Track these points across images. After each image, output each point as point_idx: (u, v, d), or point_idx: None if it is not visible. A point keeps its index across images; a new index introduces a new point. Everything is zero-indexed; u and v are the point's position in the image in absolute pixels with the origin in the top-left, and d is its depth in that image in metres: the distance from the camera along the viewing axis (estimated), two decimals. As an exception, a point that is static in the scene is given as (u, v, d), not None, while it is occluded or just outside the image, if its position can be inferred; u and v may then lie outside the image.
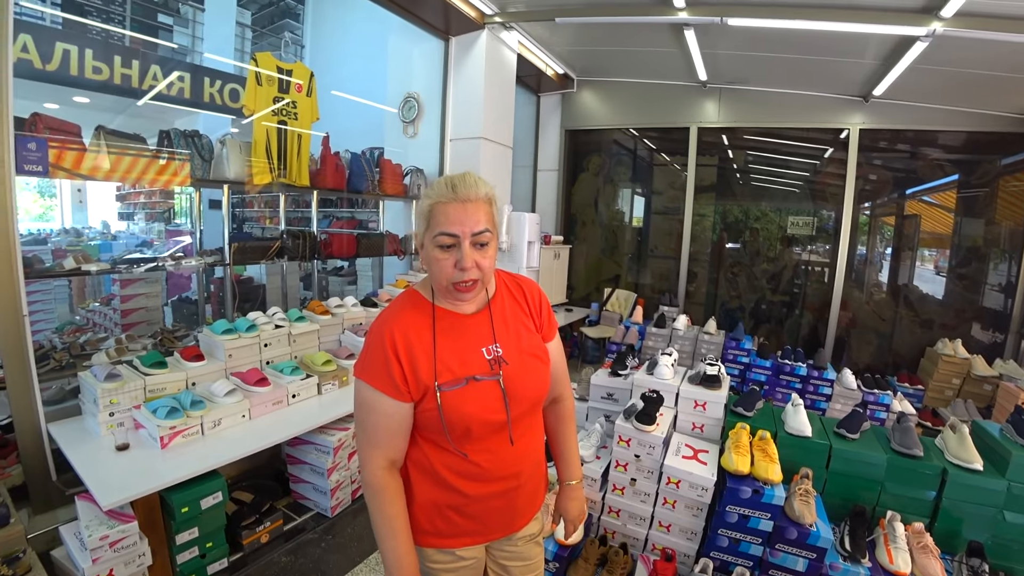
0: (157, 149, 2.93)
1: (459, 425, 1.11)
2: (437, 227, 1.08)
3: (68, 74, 3.79)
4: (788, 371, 3.55)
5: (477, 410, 1.12)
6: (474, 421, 1.12)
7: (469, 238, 1.07)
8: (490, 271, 1.13)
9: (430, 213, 1.10)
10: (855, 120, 4.68)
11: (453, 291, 1.12)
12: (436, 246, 1.09)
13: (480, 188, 1.10)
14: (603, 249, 6.16)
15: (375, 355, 1.12)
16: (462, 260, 1.07)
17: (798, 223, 5.36)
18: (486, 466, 1.17)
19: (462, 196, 1.07)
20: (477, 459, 1.15)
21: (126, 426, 2.31)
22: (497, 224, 1.14)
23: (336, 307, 3.25)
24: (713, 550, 2.06)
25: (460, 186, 1.08)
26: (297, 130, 3.34)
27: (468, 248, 1.07)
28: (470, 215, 1.06)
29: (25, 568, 1.76)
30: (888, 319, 5.19)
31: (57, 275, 2.72)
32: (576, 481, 1.44)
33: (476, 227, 1.07)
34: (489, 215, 1.10)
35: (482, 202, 1.09)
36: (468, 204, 1.07)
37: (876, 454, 2.12)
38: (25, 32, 3.23)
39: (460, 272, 1.08)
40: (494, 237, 1.12)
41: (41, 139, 2.41)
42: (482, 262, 1.09)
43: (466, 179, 1.10)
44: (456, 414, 1.10)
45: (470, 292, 1.12)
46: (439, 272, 1.10)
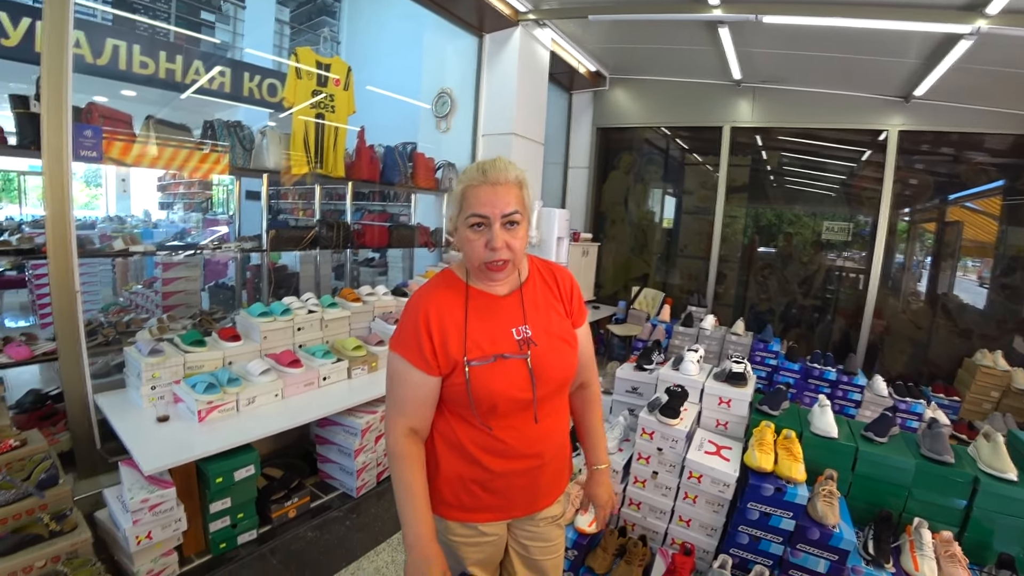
0: (201, 140, 3.06)
1: (486, 400, 1.16)
2: (469, 209, 1.13)
3: (117, 68, 3.97)
4: (817, 375, 3.49)
5: (504, 387, 1.16)
6: (500, 397, 1.16)
7: (499, 219, 1.11)
8: (521, 252, 1.17)
9: (462, 196, 1.15)
10: (895, 121, 4.56)
11: (485, 271, 1.16)
12: (468, 227, 1.14)
13: (510, 171, 1.14)
14: (632, 248, 6.13)
15: (408, 329, 1.18)
16: (492, 240, 1.11)
17: (833, 228, 5.25)
18: (511, 442, 1.21)
19: (492, 179, 1.12)
20: (502, 435, 1.20)
21: (166, 399, 2.43)
22: (528, 207, 1.18)
23: (367, 295, 3.34)
24: (733, 547, 2.05)
25: (491, 170, 1.13)
26: (334, 123, 3.43)
27: (498, 229, 1.11)
28: (500, 197, 1.11)
29: (71, 525, 1.87)
30: (924, 327, 5.04)
31: (107, 255, 2.86)
32: (604, 466, 1.47)
33: (506, 208, 1.11)
34: (519, 198, 1.14)
35: (512, 185, 1.13)
36: (498, 187, 1.12)
37: (904, 459, 2.08)
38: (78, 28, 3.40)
39: (491, 252, 1.12)
40: (524, 219, 1.16)
41: (96, 127, 2.55)
42: (512, 243, 1.13)
43: (496, 163, 1.14)
44: (483, 390, 1.15)
45: (501, 272, 1.16)
46: (471, 253, 1.15)
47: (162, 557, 2.07)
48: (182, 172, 2.90)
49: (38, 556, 1.73)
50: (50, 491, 1.92)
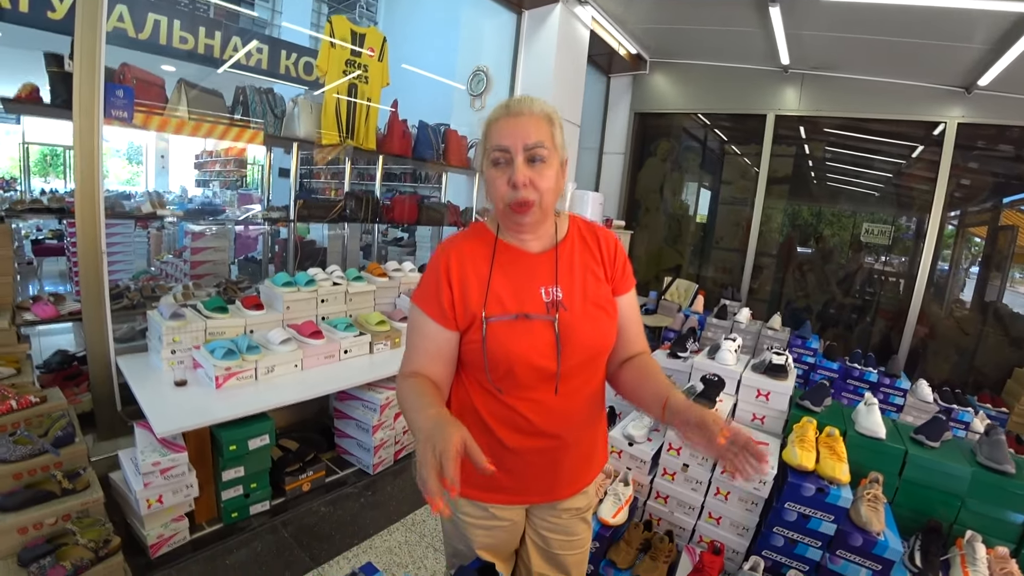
0: (232, 111, 3.02)
1: (502, 363, 1.04)
2: (490, 144, 1.03)
3: (158, 43, 3.99)
4: (857, 376, 3.29)
5: (524, 349, 1.04)
6: (518, 361, 1.04)
7: (522, 152, 1.00)
8: (549, 194, 1.04)
9: (486, 134, 1.05)
10: (954, 113, 4.27)
11: (511, 215, 1.05)
12: (490, 164, 1.04)
13: (536, 104, 1.04)
14: (666, 237, 5.95)
15: (430, 279, 1.10)
16: (514, 175, 1.00)
17: (873, 231, 5.00)
18: (529, 416, 1.09)
19: (515, 111, 1.02)
20: (519, 407, 1.08)
21: (185, 364, 2.40)
22: (559, 147, 1.06)
23: (394, 271, 3.28)
24: (766, 548, 1.93)
25: (514, 104, 1.04)
26: (367, 94, 3.37)
27: (521, 163, 1.00)
28: (521, 128, 1.00)
29: (84, 484, 1.84)
30: (972, 334, 4.76)
31: (134, 216, 2.86)
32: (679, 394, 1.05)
33: (528, 140, 1.00)
34: (546, 132, 1.02)
35: (537, 117, 1.02)
36: (521, 117, 1.01)
37: (959, 466, 1.92)
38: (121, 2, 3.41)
39: (513, 191, 1.01)
40: (554, 157, 1.04)
41: (128, 87, 2.53)
42: (538, 181, 1.01)
43: (522, 98, 1.05)
44: (500, 350, 1.04)
45: (527, 213, 1.03)
46: (495, 193, 1.05)
47: (173, 522, 2.04)
48: (214, 134, 2.86)
49: (49, 513, 1.71)
50: (65, 449, 1.90)
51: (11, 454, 1.79)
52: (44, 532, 1.70)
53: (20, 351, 2.30)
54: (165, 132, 2.78)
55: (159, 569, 1.97)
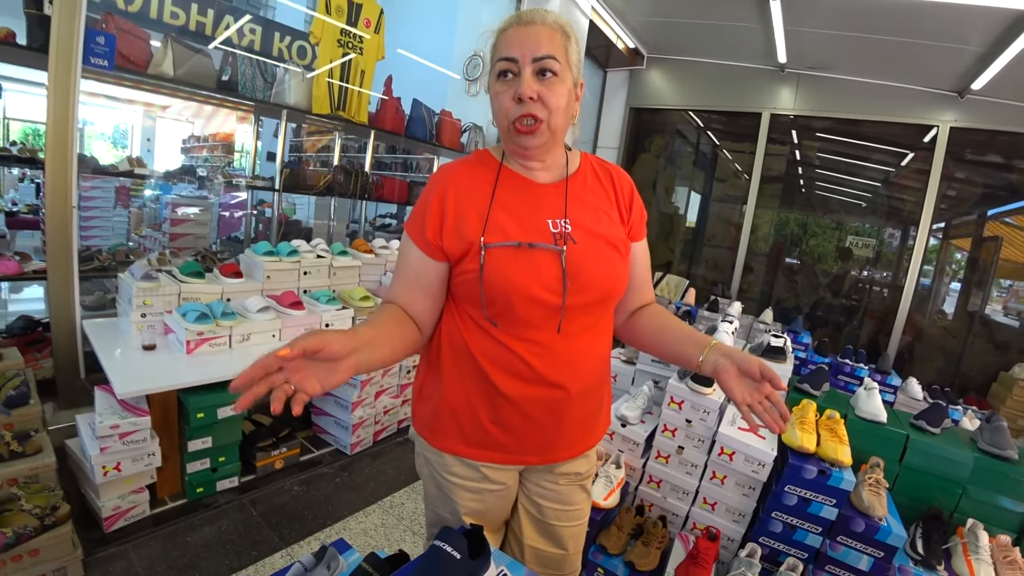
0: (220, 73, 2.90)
1: (500, 294, 0.94)
2: (496, 55, 0.94)
3: (148, 16, 3.89)
4: (848, 371, 3.27)
5: (525, 280, 0.93)
6: (518, 293, 0.93)
7: (530, 64, 0.91)
8: (560, 113, 0.94)
9: (494, 44, 0.96)
10: (946, 117, 4.29)
11: (515, 136, 0.95)
12: (496, 77, 0.94)
13: (550, 15, 0.94)
14: (657, 234, 5.91)
15: (421, 202, 1.01)
16: (521, 87, 0.90)
17: (857, 244, 5.02)
18: (530, 360, 0.97)
19: (526, 19, 0.93)
20: (519, 349, 0.97)
21: (156, 329, 2.26)
22: (573, 64, 0.97)
23: (380, 248, 3.16)
24: (763, 535, 1.84)
25: (526, 12, 0.94)
26: (360, 69, 3.26)
27: (528, 75, 0.91)
28: (532, 37, 0.91)
29: (35, 448, 1.71)
30: (959, 337, 4.79)
31: (110, 173, 2.72)
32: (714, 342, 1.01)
33: (538, 50, 0.90)
34: (560, 45, 0.93)
35: (551, 28, 0.93)
36: (532, 26, 0.92)
37: (961, 451, 1.86)
38: None
39: (519, 105, 0.91)
40: (567, 73, 0.94)
41: (110, 35, 2.40)
42: (548, 96, 0.91)
43: (535, 9, 0.96)
44: (499, 279, 0.93)
45: (534, 135, 0.94)
46: (499, 109, 0.95)
47: (132, 494, 1.90)
48: (194, 97, 2.74)
49: (-7, 475, 1.57)
50: (17, 410, 1.77)
51: (-45, 410, 1.65)
52: (-13, 495, 1.56)
53: (-25, 309, 2.16)
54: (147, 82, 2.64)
55: (113, 544, 1.82)
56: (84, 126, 7.81)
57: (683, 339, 1.05)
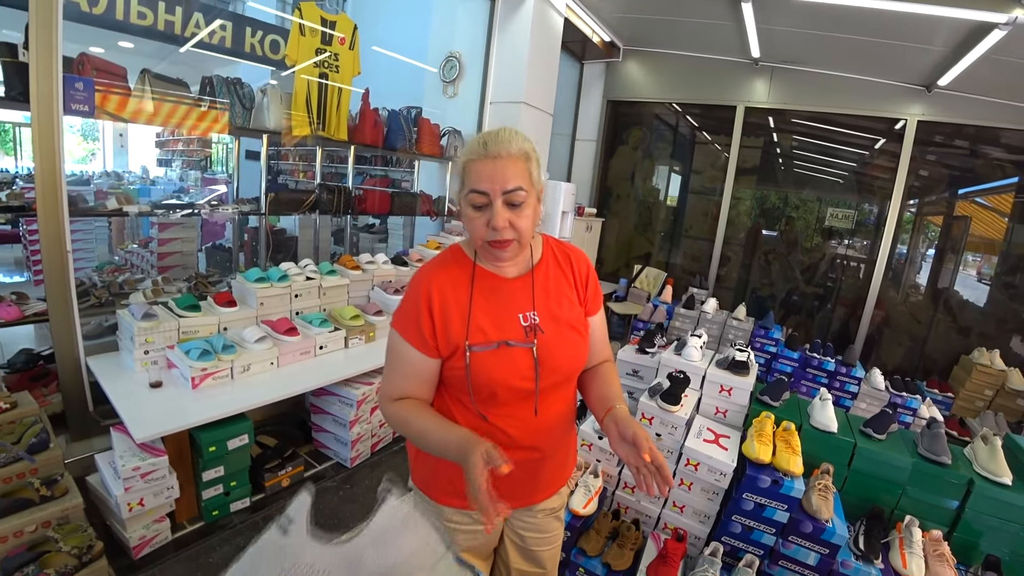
0: (199, 96, 2.94)
1: (485, 387, 1.10)
2: (469, 185, 1.05)
3: (113, 18, 3.79)
4: (816, 365, 3.48)
5: (505, 375, 1.10)
6: (500, 386, 1.10)
7: (500, 196, 1.02)
8: (527, 231, 1.08)
9: (464, 171, 1.07)
10: (914, 111, 4.44)
11: (489, 249, 1.09)
12: (469, 205, 1.06)
13: (514, 144, 1.04)
14: (636, 225, 6.06)
15: (410, 307, 1.12)
16: (493, 219, 1.03)
17: (838, 215, 5.18)
18: (511, 432, 1.15)
19: (493, 152, 1.02)
20: (501, 424, 1.14)
21: (159, 364, 2.39)
22: (536, 183, 1.08)
23: (367, 263, 3.28)
24: (725, 535, 2.05)
25: (492, 142, 1.03)
26: (338, 84, 3.31)
27: (500, 207, 1.03)
28: (500, 172, 1.02)
29: (62, 490, 1.85)
30: (924, 321, 5.03)
31: (100, 214, 2.79)
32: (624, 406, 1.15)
33: (507, 184, 1.02)
34: (524, 172, 1.04)
35: (516, 158, 1.03)
36: (499, 160, 1.02)
37: (902, 457, 2.07)
38: None
39: (492, 231, 1.04)
40: (531, 195, 1.06)
41: (88, 80, 2.44)
42: (517, 222, 1.04)
43: (500, 135, 1.05)
44: (484, 376, 1.09)
45: (505, 250, 1.08)
46: (473, 231, 1.07)
47: (154, 523, 2.07)
48: (180, 129, 2.79)
49: (28, 521, 1.72)
50: (40, 455, 1.90)
51: (-15, 462, 1.79)
52: (25, 540, 1.72)
53: (-15, 354, 2.26)
54: (135, 123, 2.69)
55: (142, 570, 2.00)
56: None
57: (599, 400, 1.22)
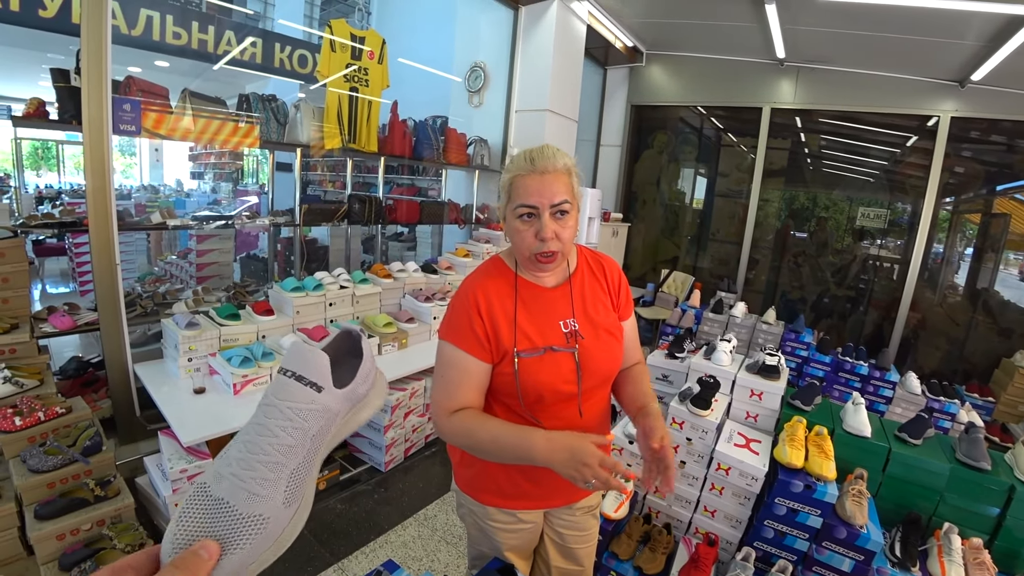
0: (236, 112, 3.06)
1: (532, 391, 1.16)
2: (517, 199, 1.11)
3: (151, 39, 4.01)
4: (848, 369, 3.42)
5: (551, 379, 1.16)
6: (547, 389, 1.16)
7: (548, 209, 1.09)
8: (570, 242, 1.15)
9: (510, 186, 1.13)
10: (947, 107, 4.34)
11: (535, 262, 1.14)
12: (517, 218, 1.12)
13: (559, 159, 1.11)
14: (662, 229, 6.04)
15: (461, 316, 1.17)
16: (542, 230, 1.09)
17: (869, 215, 5.07)
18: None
19: (540, 168, 1.10)
20: (548, 425, 1.18)
21: (202, 371, 2.49)
22: (577, 196, 1.15)
23: (398, 272, 3.36)
24: (757, 540, 2.05)
25: (539, 158, 1.10)
26: (368, 97, 3.41)
27: (548, 219, 1.09)
28: (548, 186, 1.09)
29: (115, 491, 1.95)
30: (962, 323, 4.88)
31: (145, 228, 2.92)
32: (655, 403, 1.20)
33: (554, 198, 1.09)
34: (568, 186, 1.12)
35: (561, 173, 1.11)
36: (546, 176, 1.09)
37: (939, 462, 2.03)
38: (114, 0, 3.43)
39: (540, 243, 1.10)
40: (574, 208, 1.14)
41: (135, 100, 2.57)
42: (562, 233, 1.11)
43: (544, 152, 1.12)
44: (531, 380, 1.15)
45: (551, 263, 1.14)
46: (520, 243, 1.13)
47: (199, 523, 2.15)
48: (215, 144, 2.91)
49: (84, 520, 1.82)
50: (94, 457, 2.00)
51: (44, 464, 1.90)
52: (81, 538, 1.82)
53: (41, 362, 2.38)
54: (173, 139, 2.82)
55: (188, 568, 2.09)
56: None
57: (631, 398, 1.29)
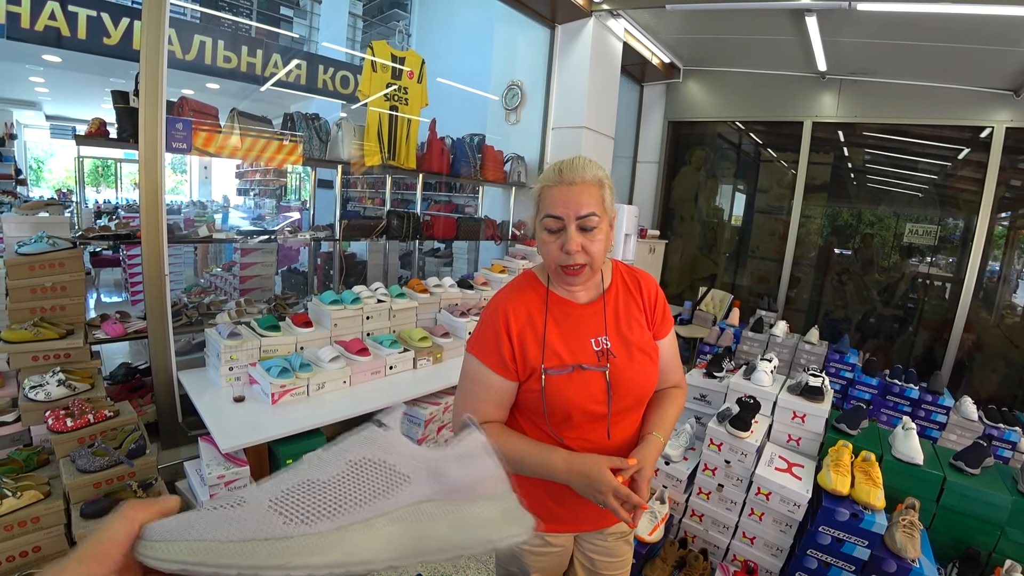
0: (281, 131, 3.18)
1: (560, 410, 1.13)
2: (544, 210, 1.10)
3: (203, 63, 4.23)
4: (897, 392, 3.26)
5: (579, 398, 1.12)
6: (575, 408, 1.12)
7: (574, 221, 1.07)
8: (600, 256, 1.11)
9: (539, 197, 1.12)
10: (1001, 117, 4.14)
11: (562, 275, 1.12)
12: (544, 229, 1.10)
13: (588, 171, 1.09)
14: (701, 246, 5.93)
15: (488, 332, 1.16)
16: (567, 243, 1.07)
17: (918, 231, 4.86)
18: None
19: (568, 179, 1.07)
20: (574, 446, 1.15)
21: (242, 380, 2.55)
22: (609, 209, 1.12)
23: (434, 287, 3.39)
24: (799, 571, 1.96)
25: (567, 169, 1.08)
26: (407, 115, 3.49)
27: (573, 231, 1.07)
28: (575, 197, 1.06)
29: (156, 494, 2.01)
30: (1022, 346, 4.61)
31: (192, 241, 3.03)
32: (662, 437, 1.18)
33: (581, 210, 1.06)
34: (598, 198, 1.08)
35: (590, 185, 1.08)
36: (574, 187, 1.07)
37: (1000, 494, 1.91)
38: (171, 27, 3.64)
39: (566, 255, 1.08)
40: (604, 221, 1.10)
41: (187, 120, 2.70)
42: (590, 246, 1.08)
43: (575, 163, 1.10)
44: (559, 399, 1.12)
45: (578, 276, 1.12)
46: (547, 255, 1.12)
47: (236, 530, 2.19)
48: (260, 161, 3.02)
49: (129, 522, 1.87)
50: (138, 460, 2.07)
51: (91, 465, 1.97)
52: (124, 540, 1.87)
53: (93, 367, 2.49)
54: (221, 157, 2.94)
55: (224, 573, 2.13)
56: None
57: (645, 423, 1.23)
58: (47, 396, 2.16)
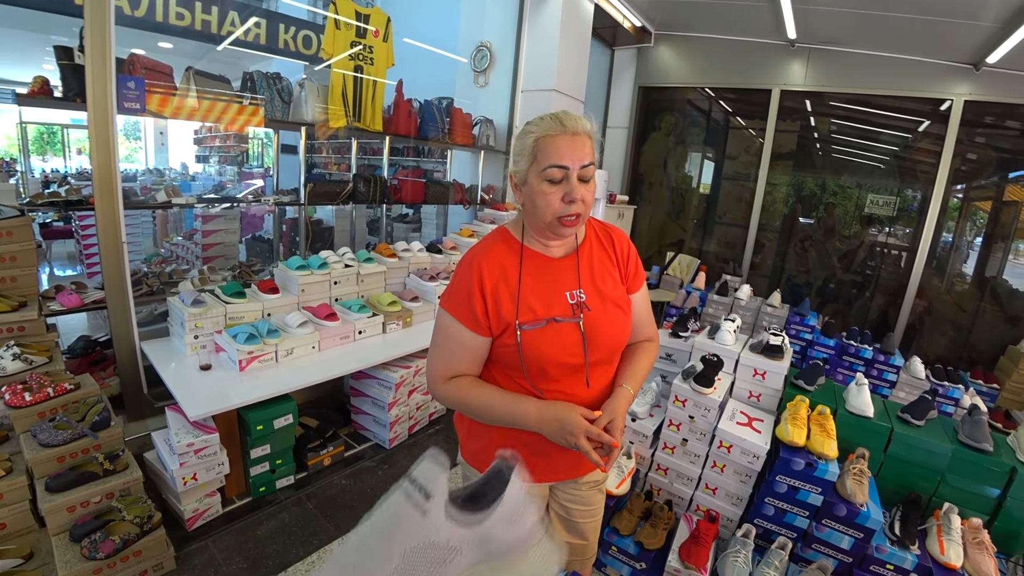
0: (240, 92, 3.05)
1: (535, 363, 1.14)
2: (547, 160, 1.07)
3: (154, 19, 3.97)
4: (852, 352, 3.42)
5: (555, 351, 1.14)
6: (550, 362, 1.14)
7: (577, 171, 1.07)
8: (591, 206, 1.13)
9: (536, 147, 1.09)
10: (960, 90, 4.26)
11: (557, 226, 1.12)
12: (545, 180, 1.09)
13: (585, 122, 1.10)
14: (669, 212, 6.00)
15: (461, 288, 1.16)
16: (571, 192, 1.07)
17: (878, 202, 5.02)
18: None
19: (571, 129, 1.07)
20: (552, 399, 1.17)
21: (208, 348, 2.51)
22: (597, 158, 1.14)
23: (403, 251, 3.36)
24: (757, 517, 2.07)
25: (567, 119, 1.08)
26: (372, 76, 3.39)
27: (576, 181, 1.08)
28: (578, 147, 1.07)
29: (123, 465, 1.98)
30: (969, 311, 4.85)
31: (150, 206, 2.93)
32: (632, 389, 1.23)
33: (584, 160, 1.07)
34: (593, 149, 1.10)
35: (588, 136, 1.09)
36: (577, 137, 1.07)
37: (941, 443, 2.04)
38: None
39: (567, 205, 1.09)
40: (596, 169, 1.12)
41: (139, 79, 2.56)
42: (587, 196, 1.10)
43: (570, 113, 1.10)
44: (534, 352, 1.13)
45: (573, 227, 1.13)
46: (545, 207, 1.10)
47: (206, 497, 2.19)
48: (219, 124, 2.91)
49: (94, 492, 1.86)
50: (103, 432, 2.03)
51: (54, 439, 1.92)
52: (91, 510, 1.85)
53: (49, 340, 2.39)
54: (177, 119, 2.82)
55: (196, 540, 2.13)
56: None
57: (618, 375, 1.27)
58: (2, 371, 2.09)
